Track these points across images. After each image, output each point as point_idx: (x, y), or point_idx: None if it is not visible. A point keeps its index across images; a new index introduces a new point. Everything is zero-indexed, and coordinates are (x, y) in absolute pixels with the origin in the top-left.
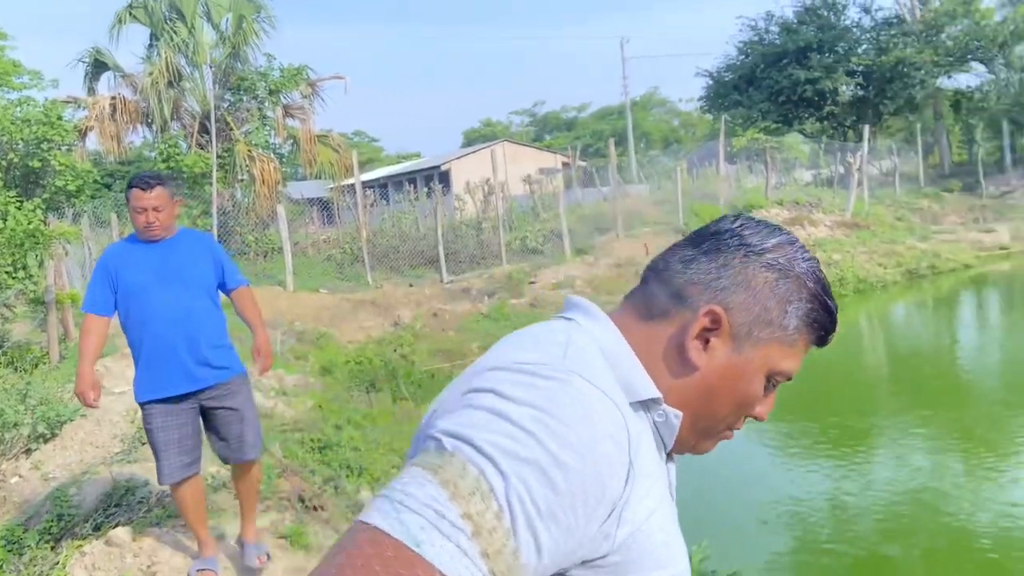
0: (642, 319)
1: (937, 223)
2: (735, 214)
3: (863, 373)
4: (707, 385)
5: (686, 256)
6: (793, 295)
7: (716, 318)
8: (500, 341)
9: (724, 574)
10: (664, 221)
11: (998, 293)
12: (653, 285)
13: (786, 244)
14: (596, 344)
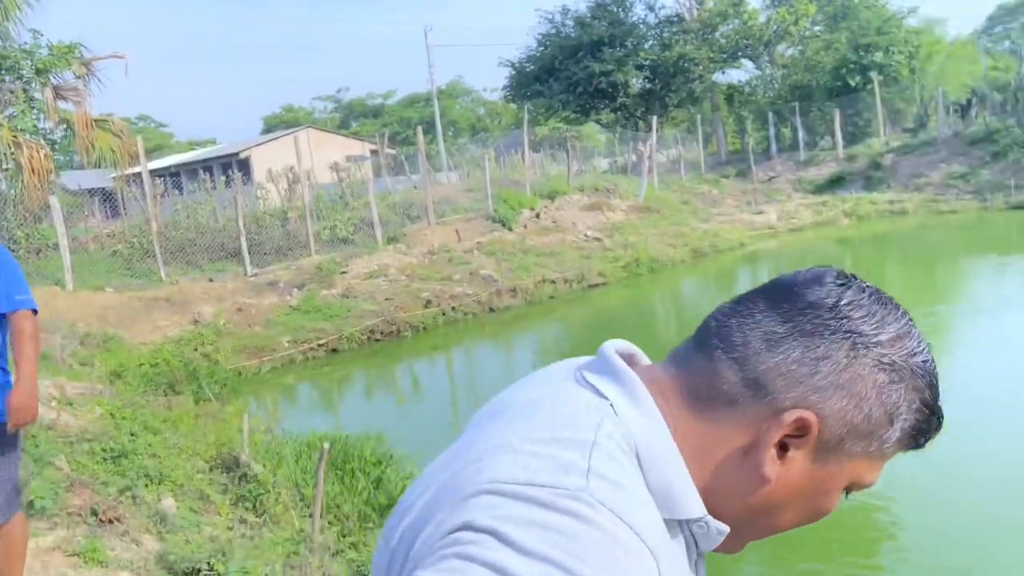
0: (698, 403)
1: (717, 206)
2: (836, 274)
3: (660, 345)
4: (772, 500)
5: (772, 334)
6: (903, 405)
7: (805, 426)
8: (509, 396)
9: None
10: (474, 208)
11: (768, 267)
12: (721, 363)
13: (904, 336)
14: (632, 442)
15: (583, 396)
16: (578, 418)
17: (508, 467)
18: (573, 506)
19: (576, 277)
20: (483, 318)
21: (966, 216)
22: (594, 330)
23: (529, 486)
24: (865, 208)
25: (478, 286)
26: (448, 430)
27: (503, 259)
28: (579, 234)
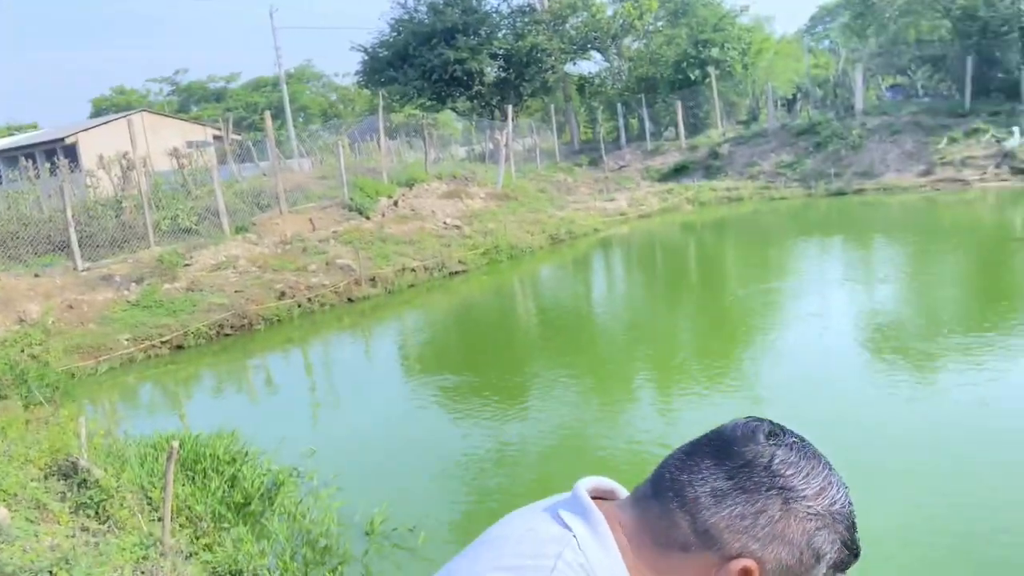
0: (655, 543)
1: (572, 194)
2: (768, 431)
3: (519, 329)
4: None
5: (718, 489)
6: (827, 546)
7: (749, 573)
8: (496, 528)
9: (404, 528)
10: (329, 196)
11: (619, 252)
12: (676, 514)
13: (827, 487)
14: (590, 570)
15: (552, 529)
16: (543, 548)
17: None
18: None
19: (436, 265)
20: (341, 309)
21: (794, 202)
22: (458, 318)
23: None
24: (706, 195)
25: (335, 276)
26: (307, 424)
27: (361, 248)
28: (438, 222)
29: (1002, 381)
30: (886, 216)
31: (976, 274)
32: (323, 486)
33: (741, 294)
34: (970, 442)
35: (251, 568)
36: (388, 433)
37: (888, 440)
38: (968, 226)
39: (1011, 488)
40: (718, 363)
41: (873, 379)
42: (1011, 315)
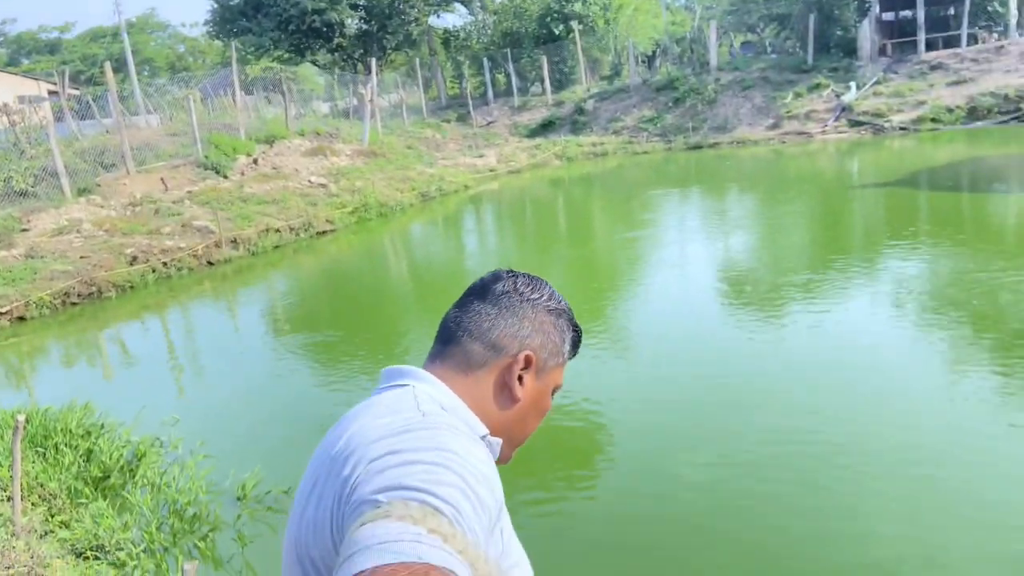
0: (463, 372)
1: (440, 150)
2: (506, 272)
3: (392, 288)
4: (524, 411)
5: (491, 316)
6: (566, 329)
7: (530, 359)
8: (351, 419)
9: (279, 491)
10: (181, 154)
11: (490, 208)
12: (469, 344)
13: (553, 294)
14: (437, 401)
15: (392, 393)
16: (401, 402)
17: (374, 431)
18: (426, 426)
19: (302, 225)
20: (201, 273)
21: (655, 156)
22: (327, 278)
23: (396, 429)
24: (573, 150)
25: (192, 238)
26: (170, 394)
27: (219, 208)
28: (302, 180)
29: (839, 315)
30: (738, 168)
31: (818, 220)
32: (189, 455)
33: (608, 246)
34: (816, 369)
35: (113, 542)
36: (259, 398)
37: (746, 374)
38: (811, 176)
39: (848, 404)
40: (587, 314)
41: (728, 320)
42: (847, 255)
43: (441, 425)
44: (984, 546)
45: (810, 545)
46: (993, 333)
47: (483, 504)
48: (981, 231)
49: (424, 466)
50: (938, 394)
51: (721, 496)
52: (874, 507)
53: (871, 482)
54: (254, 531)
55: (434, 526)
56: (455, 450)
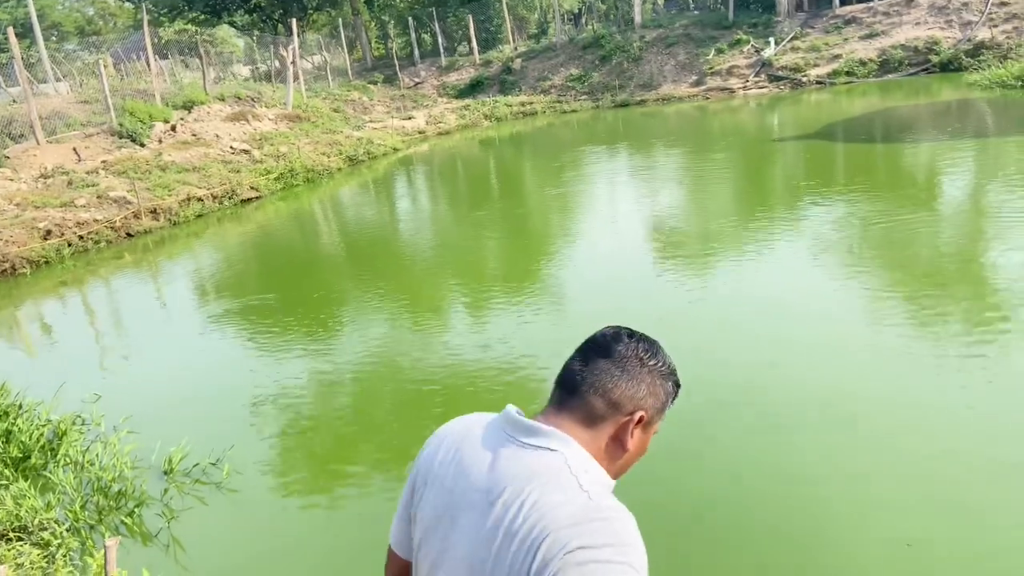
0: (585, 425)
1: (368, 113)
2: (627, 333)
3: (324, 256)
4: (631, 458)
5: (613, 375)
6: (671, 391)
7: (643, 419)
8: (505, 471)
9: (206, 463)
10: (94, 122)
11: (421, 170)
12: (593, 399)
13: (664, 357)
14: (587, 471)
15: (544, 460)
16: (562, 476)
17: (557, 517)
18: (601, 513)
19: (225, 193)
20: (120, 245)
21: (583, 114)
22: (255, 247)
23: (577, 515)
24: (502, 110)
25: (109, 210)
26: (92, 371)
27: (137, 178)
28: (224, 147)
29: (762, 265)
30: (664, 125)
31: (741, 174)
32: (113, 431)
33: (540, 204)
34: (743, 318)
35: (36, 523)
36: (185, 372)
37: (677, 326)
38: (734, 131)
39: (774, 351)
40: (523, 273)
41: (658, 274)
42: (769, 207)
43: (611, 513)
44: (901, 469)
45: (738, 488)
46: (904, 275)
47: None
48: (893, 180)
49: (616, 566)
50: (856, 338)
51: (658, 444)
52: (801, 446)
53: (797, 424)
54: (183, 504)
55: None
56: (633, 543)
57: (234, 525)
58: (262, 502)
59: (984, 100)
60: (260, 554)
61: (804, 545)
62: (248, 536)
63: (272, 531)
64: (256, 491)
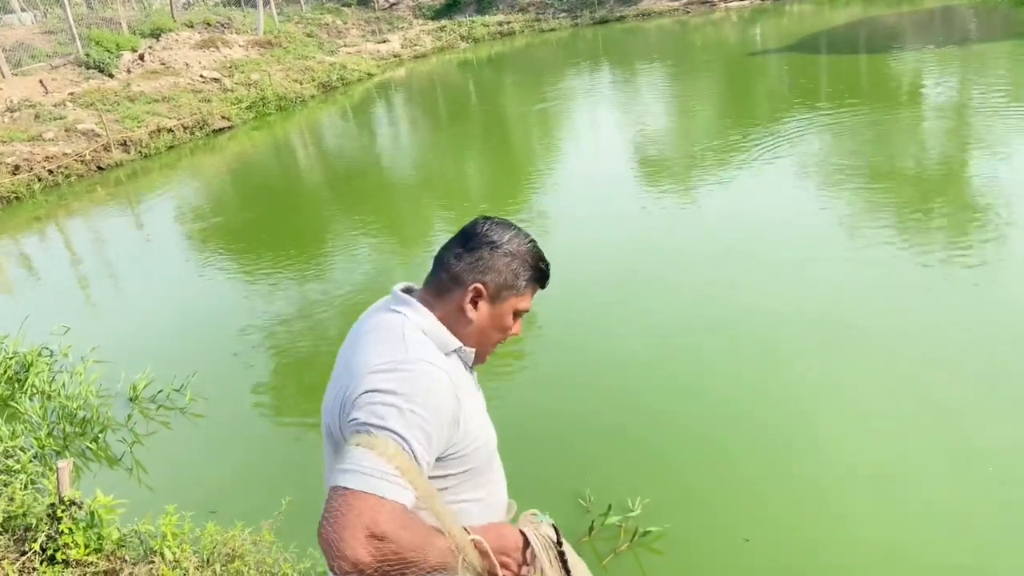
0: (438, 297)
1: (342, 37)
2: (484, 219)
3: (304, 185)
4: (483, 328)
5: (455, 256)
6: (521, 267)
7: (478, 291)
8: (357, 336)
9: (170, 390)
10: (60, 53)
11: (399, 95)
12: (442, 275)
13: (515, 238)
14: (420, 328)
15: (390, 317)
16: (392, 331)
17: (375, 359)
18: (406, 365)
19: (197, 123)
20: (92, 179)
21: (562, 33)
22: (231, 178)
23: (383, 364)
24: (479, 31)
25: (79, 143)
26: (61, 304)
27: (106, 110)
28: (194, 75)
29: (747, 184)
30: (645, 42)
31: (724, 90)
32: (80, 361)
33: (522, 127)
34: (729, 238)
35: (2, 451)
36: (155, 303)
37: (664, 249)
38: (715, 45)
39: (762, 271)
40: (507, 196)
41: (641, 195)
42: (752, 124)
43: (416, 366)
44: (886, 376)
45: (729, 403)
46: (889, 185)
47: (439, 424)
48: (877, 89)
49: (398, 411)
50: (843, 255)
51: (643, 362)
52: (789, 355)
53: (787, 339)
54: (148, 429)
55: (399, 463)
56: (421, 397)
57: (197, 448)
58: (226, 426)
59: (967, 7)
60: (221, 475)
61: (791, 452)
62: (210, 458)
63: (234, 453)
64: (219, 415)
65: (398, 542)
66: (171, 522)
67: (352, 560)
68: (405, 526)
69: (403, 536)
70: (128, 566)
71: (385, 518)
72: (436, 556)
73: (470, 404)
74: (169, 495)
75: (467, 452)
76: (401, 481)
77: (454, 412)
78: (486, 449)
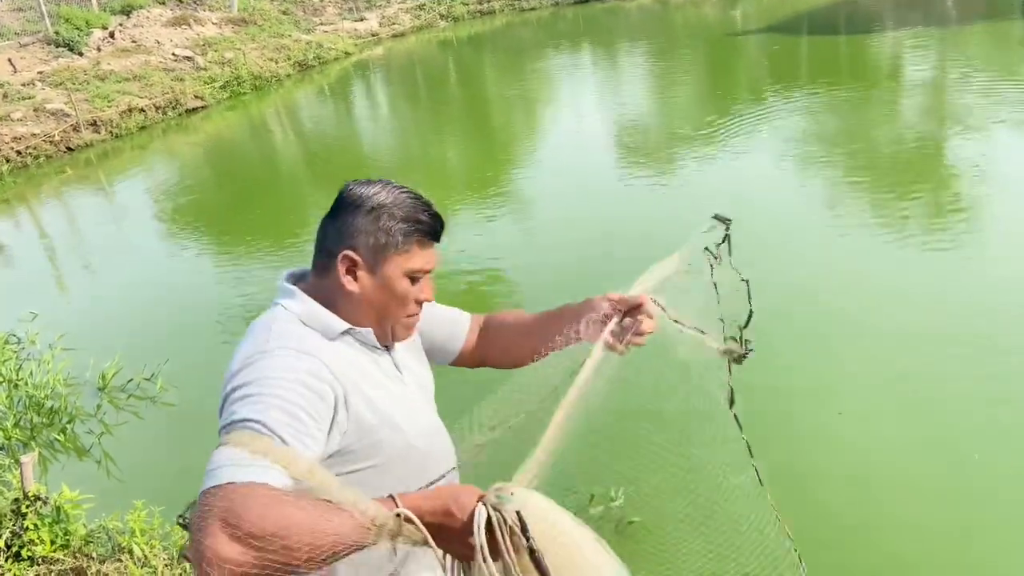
0: (320, 278)
1: (318, 15)
2: (352, 183)
3: (280, 167)
4: (373, 300)
5: (324, 229)
6: (391, 222)
7: (350, 259)
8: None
9: (140, 379)
10: (28, 31)
11: (377, 76)
12: (317, 255)
13: (379, 193)
14: (297, 317)
15: (270, 312)
16: (265, 324)
17: (236, 361)
18: (261, 355)
19: (169, 103)
20: (61, 160)
21: (543, 12)
22: (206, 159)
23: (245, 358)
24: (459, 9)
25: (47, 124)
26: (29, 290)
27: (75, 89)
28: (166, 54)
29: (728, 164)
30: (626, 21)
31: (704, 72)
32: (47, 349)
33: (503, 109)
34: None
35: None
36: (124, 291)
37: (643, 227)
38: (697, 26)
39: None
40: (486, 179)
41: (621, 176)
42: (733, 105)
43: (274, 351)
44: (864, 345)
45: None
46: (868, 163)
47: (310, 400)
48: (856, 71)
49: (255, 399)
50: (825, 231)
51: None
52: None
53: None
54: (118, 419)
55: (256, 447)
56: (279, 369)
57: (168, 439)
58: (198, 416)
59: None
60: (193, 468)
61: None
62: (182, 450)
63: (207, 445)
64: (192, 404)
65: (262, 524)
66: (140, 518)
67: (216, 560)
68: (272, 505)
69: (271, 516)
70: (95, 563)
71: (240, 503)
72: (337, 535)
73: (374, 391)
74: (139, 488)
75: (362, 446)
76: (259, 462)
77: (333, 393)
78: (396, 445)
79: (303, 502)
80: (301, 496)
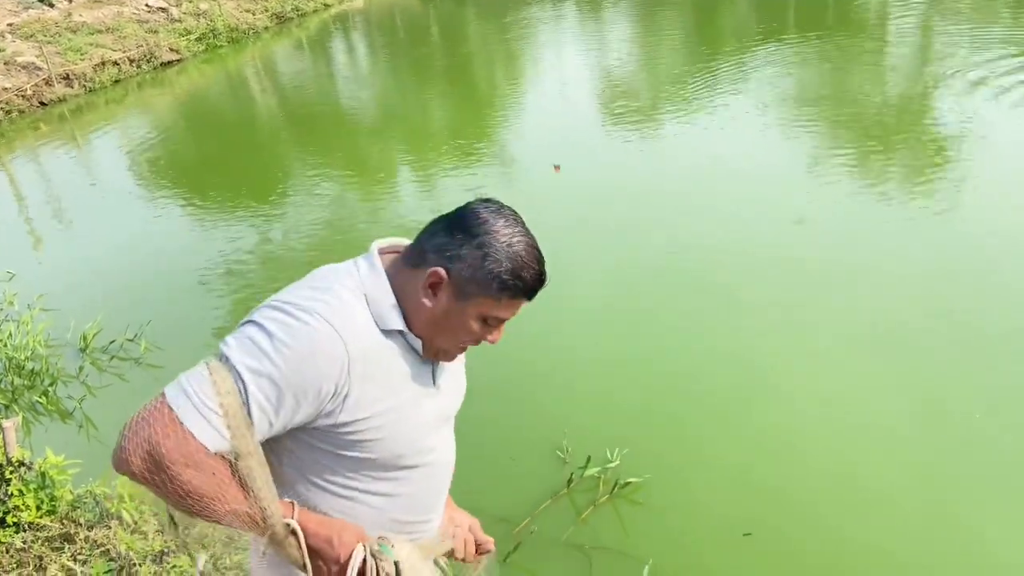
0: (408, 266)
1: None
2: (482, 203)
3: (261, 123)
4: (434, 320)
5: (435, 230)
6: (494, 267)
7: (438, 277)
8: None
9: (123, 340)
10: None
11: (358, 29)
12: (418, 244)
13: (501, 231)
14: (362, 289)
15: (343, 266)
16: (327, 280)
17: (285, 296)
18: (300, 314)
19: (143, 56)
20: (33, 115)
21: None
22: (183, 114)
23: (285, 303)
24: None
25: (18, 77)
26: (8, 249)
27: (46, 42)
28: (139, 4)
29: (711, 122)
30: None
31: (689, 22)
32: (27, 310)
33: (486, 65)
34: (698, 176)
35: None
36: (105, 249)
37: (633, 192)
38: None
39: (726, 209)
40: (470, 136)
41: (609, 135)
42: (717, 59)
43: (313, 318)
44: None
45: (699, 349)
46: (852, 116)
47: (302, 388)
48: (842, 21)
49: (258, 351)
50: (802, 190)
51: (620, 311)
52: (751, 292)
53: (751, 267)
54: (101, 382)
55: (227, 402)
56: (301, 346)
57: None
58: None
59: None
60: None
61: (757, 396)
62: None
63: None
64: (178, 366)
65: (175, 478)
66: (129, 483)
67: (125, 468)
68: (193, 465)
69: (184, 474)
70: (83, 530)
71: (172, 445)
72: (231, 515)
73: (387, 394)
74: None
75: (356, 438)
76: (216, 421)
77: (336, 385)
78: (394, 452)
79: (220, 471)
80: (223, 465)
